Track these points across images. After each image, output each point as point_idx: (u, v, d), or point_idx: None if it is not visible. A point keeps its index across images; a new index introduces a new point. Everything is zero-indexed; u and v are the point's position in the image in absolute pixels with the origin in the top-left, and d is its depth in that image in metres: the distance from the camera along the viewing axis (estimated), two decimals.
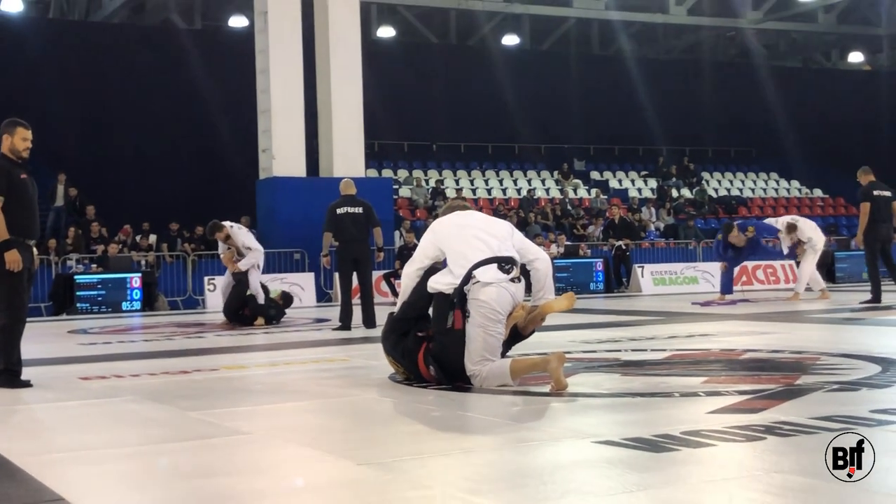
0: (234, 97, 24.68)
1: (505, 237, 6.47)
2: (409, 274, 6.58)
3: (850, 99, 36.40)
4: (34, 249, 7.39)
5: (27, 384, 7.09)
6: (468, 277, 6.16)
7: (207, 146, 26.36)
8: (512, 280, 6.24)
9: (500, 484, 3.81)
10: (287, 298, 14.55)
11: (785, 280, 22.71)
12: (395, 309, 6.75)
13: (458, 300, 6.17)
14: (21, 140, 7.18)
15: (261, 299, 13.71)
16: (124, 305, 18.81)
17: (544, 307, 6.48)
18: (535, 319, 6.55)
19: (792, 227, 16.07)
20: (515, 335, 6.58)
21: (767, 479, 3.66)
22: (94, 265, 19.88)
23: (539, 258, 6.57)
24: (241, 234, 13.83)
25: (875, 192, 14.31)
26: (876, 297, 14.33)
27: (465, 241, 6.34)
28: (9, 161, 7.14)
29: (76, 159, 24.61)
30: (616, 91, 32.88)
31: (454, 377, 6.32)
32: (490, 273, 6.18)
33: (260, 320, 13.54)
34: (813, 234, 16.16)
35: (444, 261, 6.49)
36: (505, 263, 6.24)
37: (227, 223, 13.81)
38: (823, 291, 16.36)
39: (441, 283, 6.31)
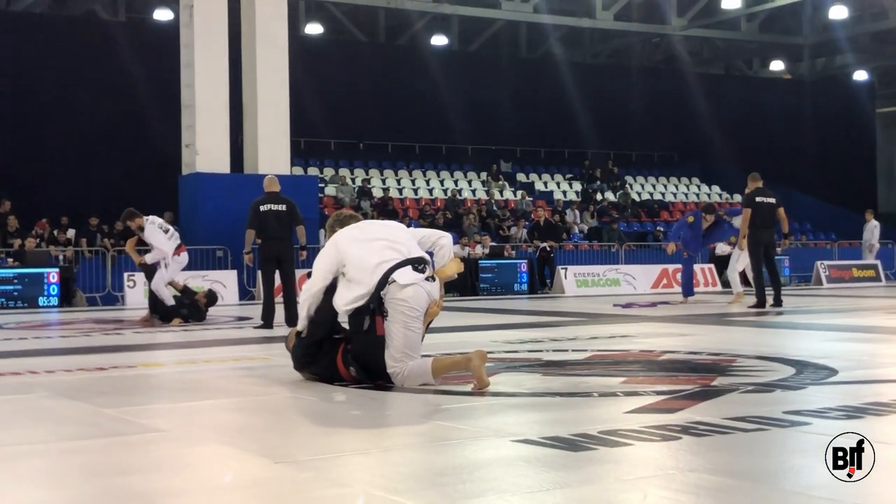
0: (158, 91, 24.29)
1: (408, 239, 6.50)
2: (315, 294, 6.39)
3: (770, 106, 37.11)
4: None
5: None
6: (384, 282, 6.15)
7: (130, 140, 25.89)
8: (427, 279, 6.26)
9: (418, 482, 3.80)
10: (211, 297, 14.33)
11: (705, 283, 23.08)
12: (300, 327, 6.58)
13: (375, 306, 6.16)
14: None
15: (168, 301, 13.54)
16: (41, 301, 18.43)
17: (438, 273, 6.50)
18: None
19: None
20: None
21: (681, 478, 3.71)
22: (10, 260, 19.45)
23: (442, 236, 6.82)
24: (152, 230, 13.56)
25: (758, 199, 14.79)
26: (761, 301, 14.78)
27: (376, 251, 6.29)
28: None
29: None
30: (544, 94, 33.10)
31: (375, 377, 6.30)
32: (407, 275, 6.19)
33: (176, 320, 13.38)
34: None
35: (343, 275, 6.39)
36: (418, 264, 6.27)
37: (147, 217, 13.61)
38: (739, 294, 16.65)
39: (351, 300, 6.22)
